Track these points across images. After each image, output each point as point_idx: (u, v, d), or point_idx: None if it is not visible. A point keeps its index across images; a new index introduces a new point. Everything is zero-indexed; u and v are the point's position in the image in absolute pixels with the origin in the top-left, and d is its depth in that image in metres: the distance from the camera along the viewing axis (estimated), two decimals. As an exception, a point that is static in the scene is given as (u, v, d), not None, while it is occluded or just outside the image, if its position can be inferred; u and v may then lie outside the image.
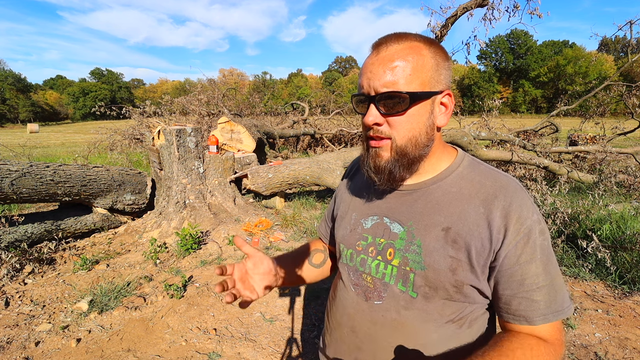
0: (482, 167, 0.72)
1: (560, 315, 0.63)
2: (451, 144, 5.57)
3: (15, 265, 2.92)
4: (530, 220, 0.64)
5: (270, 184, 4.56)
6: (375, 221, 0.76)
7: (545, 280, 0.63)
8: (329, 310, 0.87)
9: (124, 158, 8.01)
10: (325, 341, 0.88)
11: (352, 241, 0.79)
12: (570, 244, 3.29)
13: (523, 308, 0.63)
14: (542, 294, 0.62)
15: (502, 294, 0.65)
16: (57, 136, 24.36)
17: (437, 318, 0.68)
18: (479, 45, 4.39)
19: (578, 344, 2.15)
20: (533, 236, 0.63)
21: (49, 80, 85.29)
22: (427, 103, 0.66)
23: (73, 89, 71.77)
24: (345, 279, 0.80)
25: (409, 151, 0.67)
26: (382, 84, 0.63)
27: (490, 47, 62.55)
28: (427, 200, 0.70)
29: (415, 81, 0.63)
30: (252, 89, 23.74)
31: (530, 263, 0.62)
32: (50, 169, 3.30)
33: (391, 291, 0.71)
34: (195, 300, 2.63)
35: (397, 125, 0.65)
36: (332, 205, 0.96)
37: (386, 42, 0.65)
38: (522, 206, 0.64)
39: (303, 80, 73.36)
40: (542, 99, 57.45)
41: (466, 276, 0.65)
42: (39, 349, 2.08)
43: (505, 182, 0.67)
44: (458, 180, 0.70)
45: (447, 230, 0.66)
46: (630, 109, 6.46)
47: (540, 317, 0.62)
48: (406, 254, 0.69)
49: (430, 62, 0.65)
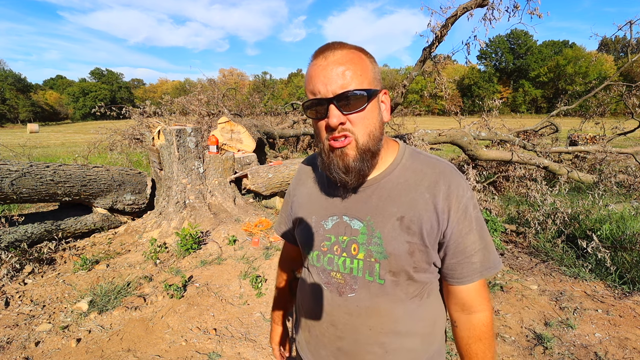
0: (421, 157, 0.81)
1: (492, 270, 0.77)
2: (451, 143, 5.58)
3: (15, 265, 2.92)
4: (465, 197, 0.75)
5: (270, 184, 4.56)
6: (335, 221, 0.81)
7: (481, 245, 0.76)
8: (303, 310, 0.91)
9: (124, 158, 8.01)
10: (304, 339, 0.92)
11: (317, 243, 0.83)
12: (570, 244, 3.29)
13: (465, 271, 0.76)
14: (478, 257, 0.75)
15: (449, 263, 0.77)
16: (57, 136, 24.36)
17: (403, 297, 0.77)
18: (479, 45, 4.40)
19: (578, 344, 2.15)
20: (469, 210, 0.75)
21: (49, 80, 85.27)
22: (376, 100, 0.73)
23: (73, 89, 71.77)
24: (316, 279, 0.85)
25: (370, 146, 0.73)
26: (339, 86, 0.68)
27: (490, 47, 62.57)
28: (380, 195, 0.77)
29: (365, 81, 0.70)
30: (252, 89, 23.75)
31: (468, 234, 0.75)
32: (50, 169, 3.30)
33: (361, 283, 0.77)
34: (195, 300, 2.63)
35: (358, 122, 0.71)
36: (288, 209, 0.98)
37: (331, 48, 0.71)
38: (459, 187, 0.75)
39: (303, 80, 73.21)
40: (542, 99, 57.46)
41: (422, 257, 0.74)
42: (39, 349, 2.08)
43: (442, 168, 0.77)
44: (403, 172, 0.78)
45: (401, 219, 0.74)
46: (630, 109, 6.46)
47: (477, 274, 0.76)
48: (369, 247, 0.76)
49: (370, 65, 0.73)
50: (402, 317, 0.77)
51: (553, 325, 2.32)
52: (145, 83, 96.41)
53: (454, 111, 7.01)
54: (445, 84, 5.12)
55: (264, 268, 3.14)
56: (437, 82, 5.16)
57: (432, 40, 4.42)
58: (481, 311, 0.78)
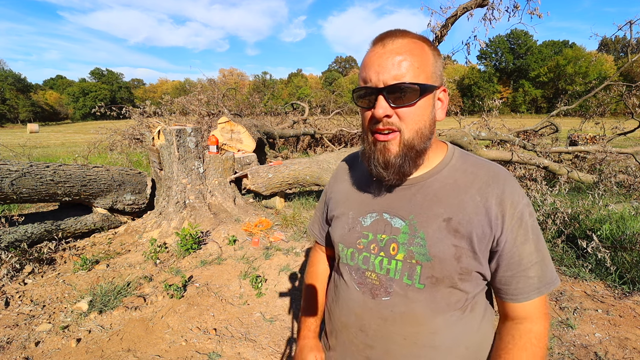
0: (472, 159, 0.75)
1: (551, 286, 0.69)
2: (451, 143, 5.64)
3: (15, 265, 2.92)
4: (522, 204, 0.69)
5: (270, 184, 4.56)
6: (375, 218, 0.76)
7: (538, 257, 0.68)
8: (331, 313, 0.86)
9: (124, 158, 8.01)
10: (329, 345, 0.86)
11: (352, 240, 0.78)
12: (570, 244, 3.29)
13: (521, 286, 0.68)
14: (535, 270, 0.68)
15: (503, 276, 0.69)
16: (57, 136, 24.36)
17: (443, 307, 0.69)
18: (479, 45, 4.40)
19: (578, 344, 2.14)
20: (525, 219, 0.68)
21: (49, 80, 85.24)
22: (431, 97, 0.68)
23: (73, 89, 71.74)
24: (348, 279, 0.79)
25: (416, 144, 0.68)
26: (392, 76, 0.64)
27: (490, 47, 62.54)
28: (426, 193, 0.72)
29: (422, 74, 0.65)
30: (252, 89, 23.74)
31: (524, 244, 0.68)
32: (50, 169, 3.30)
33: (397, 286, 0.71)
34: (195, 300, 2.63)
35: (407, 117, 0.66)
36: (323, 208, 0.95)
37: (391, 36, 0.66)
38: (514, 192, 0.69)
39: (303, 80, 73.34)
40: (542, 99, 57.43)
41: (470, 263, 0.67)
42: (39, 349, 2.08)
43: (496, 171, 0.72)
44: (453, 172, 0.73)
45: (448, 220, 0.68)
46: (630, 109, 6.46)
47: (535, 292, 0.68)
48: (410, 247, 0.70)
49: (432, 58, 0.68)
50: (441, 329, 0.70)
51: (553, 325, 2.32)
52: (145, 83, 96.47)
53: (454, 111, 7.01)
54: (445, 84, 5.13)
55: (264, 268, 3.14)
56: (437, 82, 5.14)
57: (432, 40, 4.42)
58: (535, 323, 0.69)
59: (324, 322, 0.92)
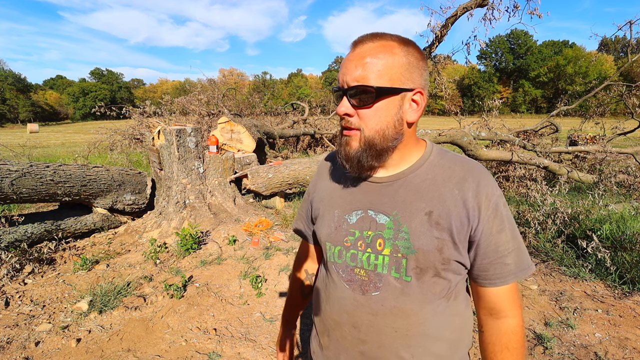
0: (449, 155, 0.79)
1: (527, 272, 0.74)
2: (451, 143, 5.59)
3: (15, 265, 2.92)
4: (495, 195, 0.73)
5: (270, 184, 4.56)
6: (360, 215, 0.78)
7: (514, 245, 0.73)
8: (322, 312, 0.86)
9: (124, 158, 8.00)
10: (321, 344, 0.87)
11: (339, 238, 0.80)
12: (570, 244, 3.29)
13: (498, 272, 0.73)
14: (512, 257, 0.72)
15: (481, 263, 0.73)
16: (57, 136, 24.36)
17: (430, 297, 0.74)
18: (479, 45, 4.40)
19: (578, 344, 2.14)
20: (500, 209, 0.72)
21: (49, 80, 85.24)
22: (396, 99, 0.70)
23: (73, 89, 71.73)
24: (336, 278, 0.81)
25: (377, 142, 0.72)
26: (353, 78, 0.68)
27: (490, 47, 62.55)
28: (408, 189, 0.75)
29: (384, 77, 0.68)
30: (252, 89, 23.76)
31: (500, 233, 0.72)
32: (50, 169, 3.30)
33: (386, 280, 0.74)
34: (195, 300, 2.63)
35: (365, 117, 0.71)
36: (307, 207, 0.96)
37: (362, 40, 0.70)
38: (488, 185, 0.73)
39: (303, 80, 73.35)
40: (542, 99, 57.46)
41: (451, 253, 0.71)
42: (39, 349, 2.08)
43: (471, 166, 0.76)
44: (432, 168, 0.76)
45: (429, 214, 0.72)
46: (630, 109, 6.46)
47: (511, 276, 0.73)
48: (396, 242, 0.73)
49: (402, 61, 0.69)
50: (430, 318, 0.74)
51: (553, 325, 2.32)
52: (145, 83, 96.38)
53: (454, 111, 7.01)
54: (445, 84, 5.13)
55: (264, 268, 3.14)
56: (437, 82, 5.16)
57: (432, 40, 4.42)
58: (511, 317, 0.75)
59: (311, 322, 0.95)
